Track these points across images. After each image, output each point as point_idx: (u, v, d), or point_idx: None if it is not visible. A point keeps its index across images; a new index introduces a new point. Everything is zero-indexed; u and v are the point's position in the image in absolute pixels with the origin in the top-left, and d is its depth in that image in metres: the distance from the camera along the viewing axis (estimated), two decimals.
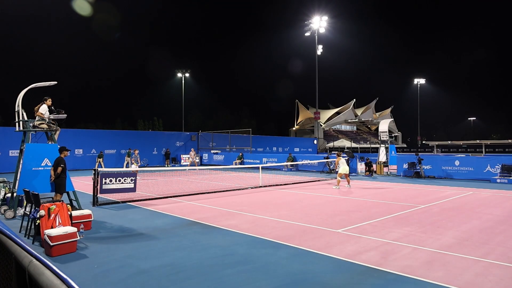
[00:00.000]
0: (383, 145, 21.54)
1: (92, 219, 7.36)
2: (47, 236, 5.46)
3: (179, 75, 57.10)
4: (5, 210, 8.55)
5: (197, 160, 27.49)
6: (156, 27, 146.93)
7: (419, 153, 21.93)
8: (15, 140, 18.37)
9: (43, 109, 9.13)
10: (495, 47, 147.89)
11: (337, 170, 15.70)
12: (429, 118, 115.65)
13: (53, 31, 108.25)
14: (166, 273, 4.71)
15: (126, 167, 22.49)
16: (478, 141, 40.08)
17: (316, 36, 45.70)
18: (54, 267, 1.15)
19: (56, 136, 9.49)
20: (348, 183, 14.78)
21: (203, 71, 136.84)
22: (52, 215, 6.08)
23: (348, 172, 14.90)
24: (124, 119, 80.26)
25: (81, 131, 28.07)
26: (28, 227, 6.68)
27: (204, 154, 31.98)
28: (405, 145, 75.35)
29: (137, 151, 18.93)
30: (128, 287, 4.29)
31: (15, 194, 8.78)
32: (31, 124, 9.07)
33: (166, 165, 28.89)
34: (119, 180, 10.72)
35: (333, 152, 37.32)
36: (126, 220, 8.18)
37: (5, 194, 9.33)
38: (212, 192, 12.91)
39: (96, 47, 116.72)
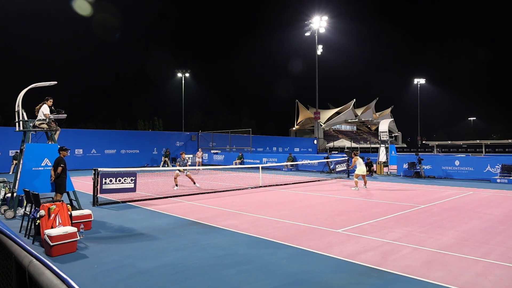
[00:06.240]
0: (383, 145, 21.54)
1: (92, 219, 7.36)
2: (47, 236, 5.46)
3: (179, 75, 57.05)
4: (5, 210, 8.55)
5: (200, 160, 27.55)
6: (156, 27, 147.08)
7: (419, 153, 21.92)
8: (15, 140, 18.38)
9: (46, 109, 9.12)
10: (495, 47, 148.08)
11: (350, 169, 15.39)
12: (429, 118, 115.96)
13: (53, 31, 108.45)
14: (166, 273, 4.71)
15: (162, 166, 25.14)
16: (478, 141, 40.14)
17: (316, 36, 45.63)
18: (54, 267, 1.15)
19: (56, 136, 9.49)
20: (365, 184, 14.44)
21: (203, 71, 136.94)
22: (52, 215, 6.08)
23: (365, 173, 14.56)
24: (124, 119, 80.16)
25: (81, 131, 28.06)
26: (28, 227, 6.68)
27: (204, 154, 31.97)
28: (405, 145, 75.25)
29: (184, 154, 17.40)
30: (128, 287, 4.29)
31: (15, 194, 8.79)
32: (31, 124, 9.07)
33: (166, 165, 28.66)
34: (119, 180, 10.73)
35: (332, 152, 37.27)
36: (126, 220, 8.19)
37: (5, 194, 9.33)
38: (212, 192, 12.91)
39: (96, 47, 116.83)
